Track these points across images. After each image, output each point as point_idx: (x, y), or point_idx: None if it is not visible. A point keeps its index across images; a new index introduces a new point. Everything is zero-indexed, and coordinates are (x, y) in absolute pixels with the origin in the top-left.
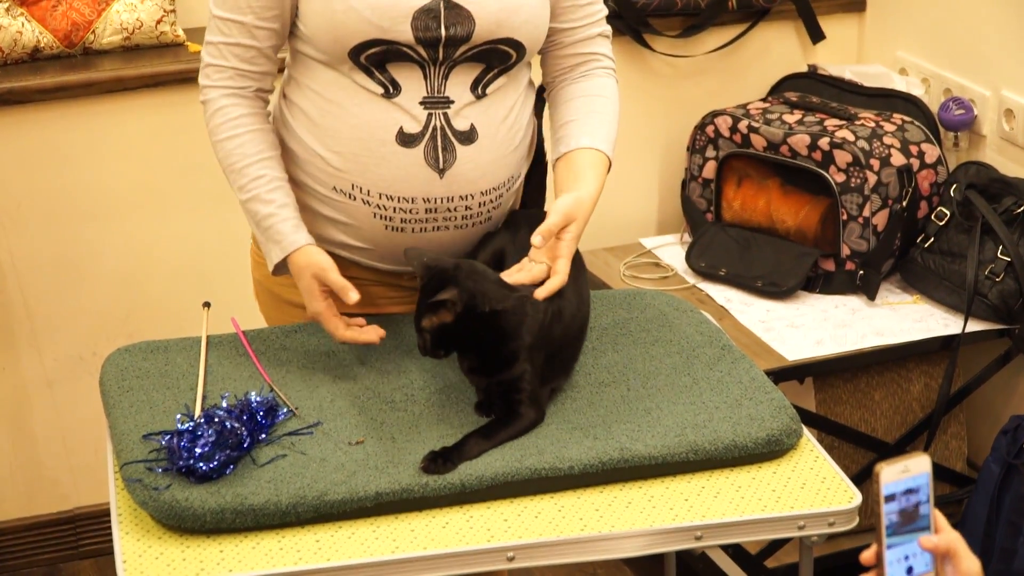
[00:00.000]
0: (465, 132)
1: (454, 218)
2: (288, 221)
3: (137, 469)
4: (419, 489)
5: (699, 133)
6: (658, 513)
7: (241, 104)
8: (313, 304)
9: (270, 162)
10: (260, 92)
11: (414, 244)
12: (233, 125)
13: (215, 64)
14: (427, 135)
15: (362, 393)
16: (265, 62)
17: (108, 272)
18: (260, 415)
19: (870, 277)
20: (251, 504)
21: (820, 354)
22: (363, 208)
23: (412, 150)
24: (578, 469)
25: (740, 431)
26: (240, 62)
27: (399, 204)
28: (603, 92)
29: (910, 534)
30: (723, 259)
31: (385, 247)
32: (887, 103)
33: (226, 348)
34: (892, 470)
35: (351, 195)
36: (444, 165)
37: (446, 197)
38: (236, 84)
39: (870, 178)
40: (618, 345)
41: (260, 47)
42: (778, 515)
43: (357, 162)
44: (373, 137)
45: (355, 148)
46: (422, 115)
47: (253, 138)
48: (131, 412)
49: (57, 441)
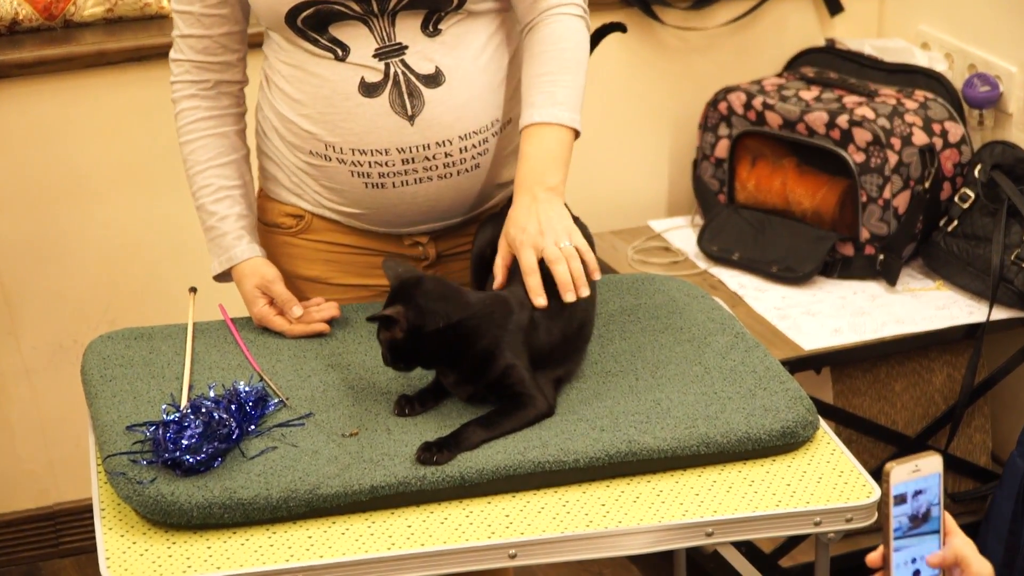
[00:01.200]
0: (430, 75)
1: (435, 167)
2: (229, 234)
3: (121, 462)
4: (416, 483)
5: (711, 110)
6: (667, 508)
7: (200, 107)
8: (254, 308)
9: (220, 170)
10: (225, 84)
11: (399, 201)
12: (189, 130)
13: (176, 59)
14: (389, 82)
15: (356, 382)
16: (222, 52)
17: (89, 255)
18: (249, 405)
19: (890, 262)
20: (240, 498)
21: (838, 343)
22: (340, 168)
23: (376, 99)
24: (584, 462)
25: (754, 423)
26: (196, 54)
27: (373, 158)
28: (555, 42)
29: (919, 536)
30: (736, 243)
31: (372, 207)
32: (909, 79)
33: (213, 335)
34: (902, 470)
35: (326, 156)
36: (413, 111)
37: (421, 145)
38: (196, 78)
39: (891, 158)
40: (626, 333)
41: (212, 35)
42: (793, 511)
43: (325, 121)
44: (336, 93)
45: (321, 107)
46: (379, 65)
47: (205, 144)
48: (114, 403)
49: (36, 433)
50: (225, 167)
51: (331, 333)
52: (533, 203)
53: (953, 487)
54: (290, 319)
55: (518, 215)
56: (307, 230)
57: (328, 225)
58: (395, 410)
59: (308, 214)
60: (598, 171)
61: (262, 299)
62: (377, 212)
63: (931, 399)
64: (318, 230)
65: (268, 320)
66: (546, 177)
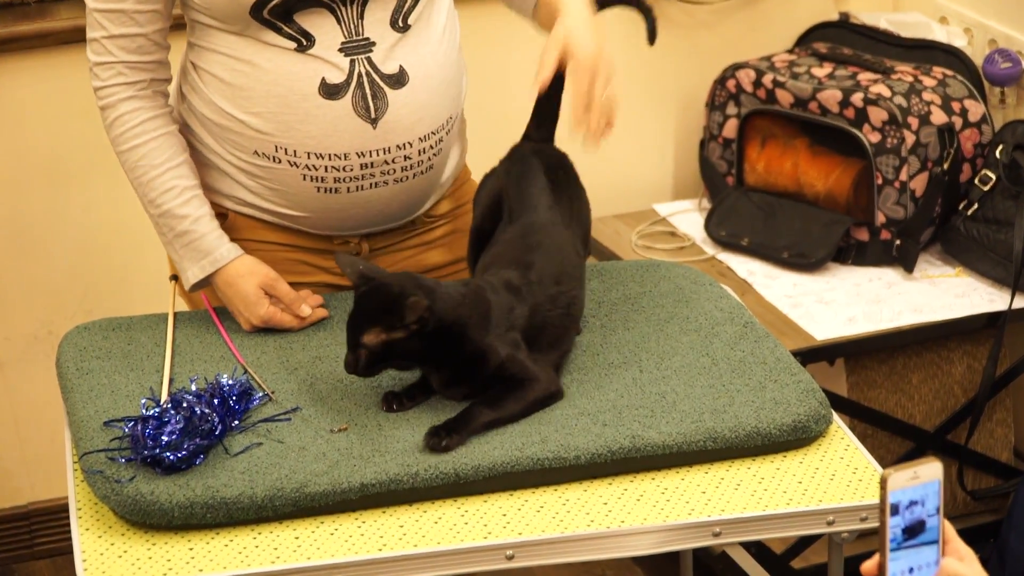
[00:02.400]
0: (394, 75)
1: (392, 171)
2: (208, 235)
3: (98, 459)
4: (408, 480)
5: (719, 88)
6: (672, 507)
7: (142, 108)
8: (260, 310)
9: (179, 170)
10: (157, 83)
11: (351, 206)
12: (135, 134)
13: (103, 62)
14: (353, 83)
15: (345, 376)
16: (155, 49)
17: (65, 241)
18: (233, 399)
19: (907, 247)
20: (223, 497)
21: (852, 332)
22: (290, 171)
23: (338, 101)
24: (585, 459)
25: (763, 417)
26: (127, 54)
27: (330, 163)
28: None
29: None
30: (745, 227)
31: (319, 211)
32: (926, 55)
33: (195, 326)
34: (900, 477)
35: (275, 158)
36: (376, 114)
37: (382, 149)
38: (129, 80)
39: (908, 138)
40: (629, 322)
41: (145, 33)
42: (805, 509)
43: (278, 121)
44: (293, 92)
45: (274, 106)
46: (344, 63)
47: (158, 146)
48: (91, 397)
49: (9, 429)
50: (182, 167)
51: (318, 324)
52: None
53: (974, 484)
54: (302, 315)
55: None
56: (230, 230)
57: (250, 223)
58: (383, 407)
59: (230, 212)
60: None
61: (266, 299)
62: (323, 216)
63: (950, 391)
64: (240, 228)
65: (277, 319)
66: None
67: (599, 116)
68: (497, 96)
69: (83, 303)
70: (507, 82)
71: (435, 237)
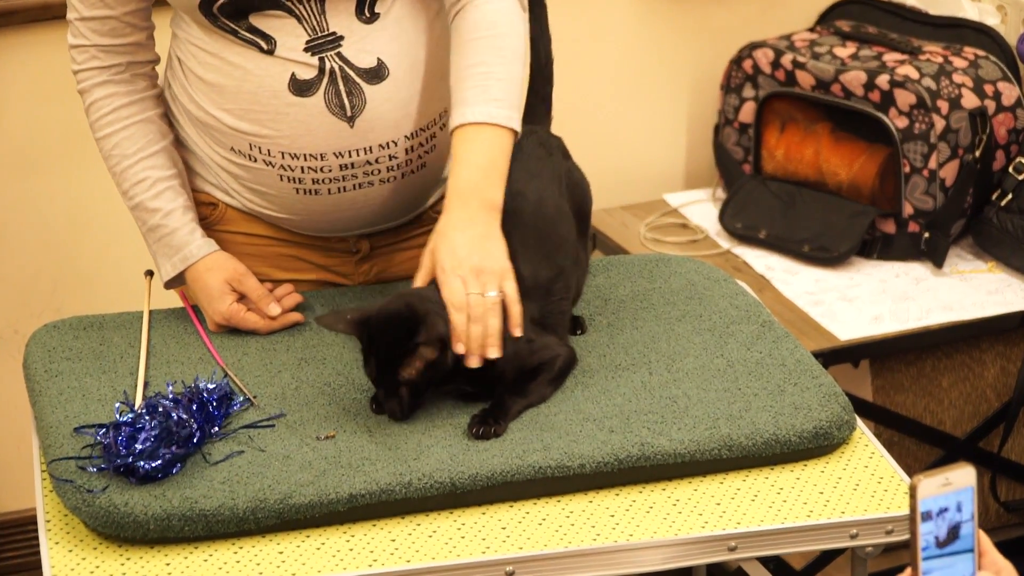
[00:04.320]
0: (371, 69)
1: (376, 171)
2: (179, 230)
3: (68, 468)
4: (400, 490)
5: (735, 69)
6: (684, 520)
7: (117, 93)
8: (222, 306)
9: (152, 160)
10: (137, 66)
11: (334, 208)
12: (108, 121)
13: (77, 45)
14: (324, 79)
15: (332, 379)
16: (130, 31)
17: (32, 234)
18: (212, 405)
19: (937, 241)
20: (202, 509)
21: (877, 332)
22: (267, 171)
23: (310, 99)
24: (590, 468)
25: (782, 423)
26: (100, 37)
27: (307, 163)
28: (488, 28)
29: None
30: (763, 219)
31: (302, 213)
32: (957, 34)
33: (172, 325)
34: (931, 483)
35: (251, 156)
36: (353, 111)
37: (363, 148)
38: (104, 63)
39: (937, 123)
40: (638, 321)
41: (117, 15)
42: (826, 522)
43: (250, 119)
44: (263, 89)
45: (246, 103)
46: (313, 61)
47: (130, 135)
48: (60, 401)
49: None
50: (156, 156)
51: (303, 324)
52: (471, 224)
53: (1007, 495)
54: (266, 317)
55: (453, 236)
56: (221, 220)
57: (241, 215)
58: (372, 405)
59: (222, 204)
60: (606, 138)
61: (231, 295)
62: (308, 219)
63: (982, 395)
64: (233, 220)
65: (239, 318)
66: (486, 190)
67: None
68: None
69: (51, 300)
70: None
71: None
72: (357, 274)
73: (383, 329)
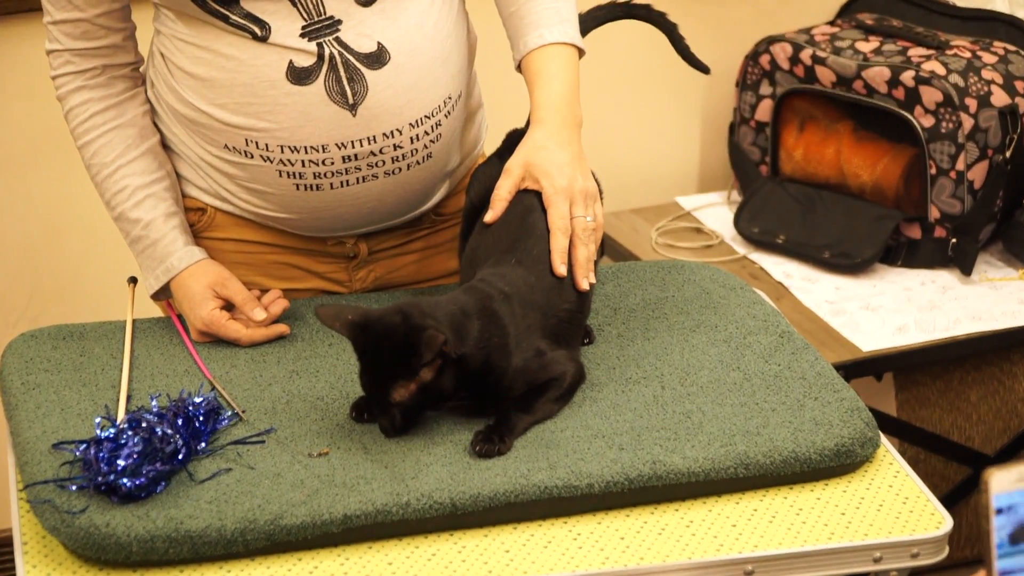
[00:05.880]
0: (372, 53)
1: (381, 163)
2: (160, 241)
3: (46, 487)
4: (398, 511)
5: (751, 65)
6: (698, 542)
7: (91, 100)
8: (203, 311)
9: (131, 167)
10: (114, 68)
11: (336, 204)
12: (85, 129)
13: (52, 50)
14: (324, 66)
15: (325, 392)
16: (104, 33)
17: (7, 238)
18: (199, 419)
19: (965, 247)
20: (188, 530)
21: (902, 343)
22: (265, 167)
23: (309, 87)
24: (599, 487)
25: (802, 440)
26: (73, 40)
27: (307, 156)
28: None
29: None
30: (781, 223)
31: (303, 211)
32: (986, 28)
33: (156, 335)
34: (1004, 478)
35: (247, 152)
36: (355, 99)
37: (367, 138)
38: (78, 68)
39: (965, 122)
40: (649, 332)
41: (88, 18)
42: (849, 545)
43: (246, 112)
44: (258, 79)
45: (240, 96)
46: (311, 47)
47: (108, 142)
48: (38, 415)
49: None
50: (136, 162)
51: (294, 334)
52: (569, 143)
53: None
54: (249, 324)
55: (555, 152)
56: (210, 227)
57: (233, 221)
58: (352, 413)
59: (211, 208)
60: (615, 138)
61: (214, 301)
62: (308, 217)
63: (1013, 410)
64: (223, 226)
65: (219, 326)
66: (574, 107)
67: (585, 250)
68: None
69: (28, 308)
70: None
71: (445, 240)
72: (354, 281)
73: (378, 343)
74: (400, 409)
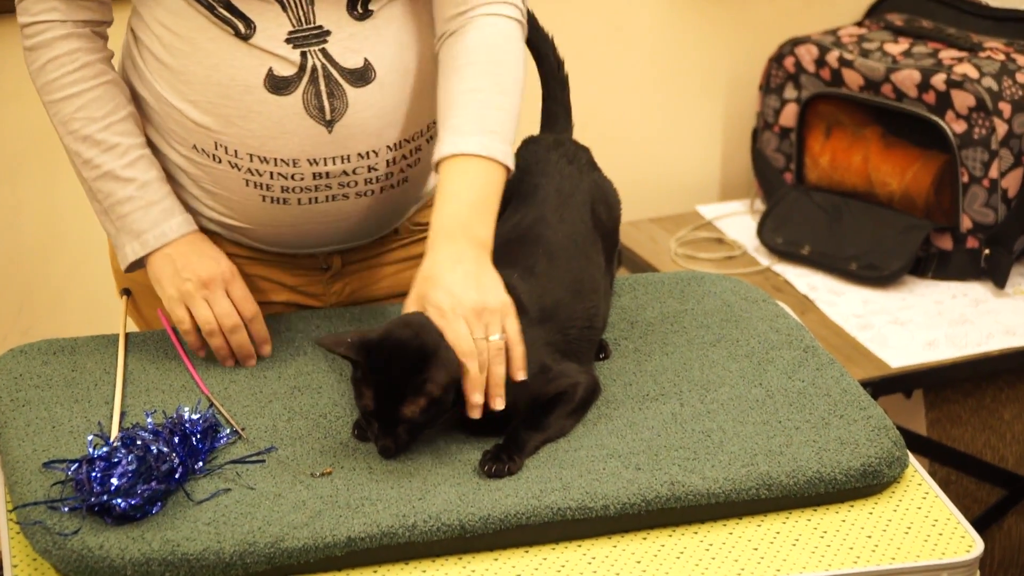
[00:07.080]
0: (357, 70)
1: (353, 183)
2: (156, 204)
3: (36, 508)
4: (404, 533)
5: (775, 67)
6: (719, 566)
7: (82, 50)
8: (218, 264)
9: (122, 126)
10: (97, 25)
11: (303, 220)
12: (72, 80)
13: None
14: (305, 77)
15: (328, 409)
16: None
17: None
18: (196, 437)
19: (998, 258)
20: (185, 553)
21: (932, 359)
22: (232, 174)
23: (287, 98)
24: (614, 509)
25: (827, 459)
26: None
27: (277, 168)
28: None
29: None
30: (806, 233)
31: (266, 225)
32: (1021, 29)
33: (151, 349)
34: None
35: (215, 156)
36: (332, 115)
37: (340, 157)
38: (67, 16)
39: (999, 127)
40: (668, 346)
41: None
42: (876, 569)
43: (218, 114)
44: (235, 82)
45: (213, 95)
46: (294, 55)
47: (100, 95)
48: (28, 433)
49: None
50: (126, 122)
51: (296, 348)
52: (460, 260)
53: None
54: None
55: (444, 277)
56: None
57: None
58: (355, 431)
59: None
60: (633, 145)
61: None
62: (273, 231)
63: None
64: None
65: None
66: (474, 227)
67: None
68: None
69: (18, 321)
70: None
71: (423, 251)
72: (329, 294)
73: (388, 359)
74: (407, 426)
